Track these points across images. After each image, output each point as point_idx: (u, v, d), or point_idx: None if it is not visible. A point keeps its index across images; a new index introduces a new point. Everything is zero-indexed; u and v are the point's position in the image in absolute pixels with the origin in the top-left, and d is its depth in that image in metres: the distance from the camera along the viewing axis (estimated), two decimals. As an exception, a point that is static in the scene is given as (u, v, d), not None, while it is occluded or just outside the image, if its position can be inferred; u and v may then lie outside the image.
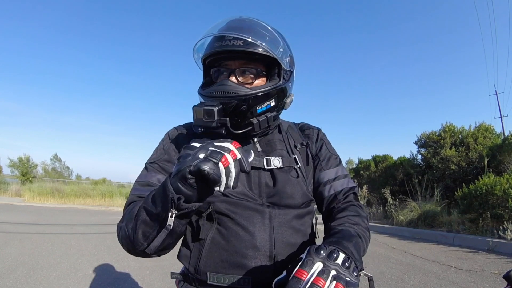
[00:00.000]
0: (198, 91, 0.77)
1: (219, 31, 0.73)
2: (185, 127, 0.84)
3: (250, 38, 0.69)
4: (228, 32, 0.71)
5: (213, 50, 0.72)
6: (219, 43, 0.71)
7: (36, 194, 12.66)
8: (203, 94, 0.74)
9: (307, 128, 0.89)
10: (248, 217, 0.69)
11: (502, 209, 5.31)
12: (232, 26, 0.73)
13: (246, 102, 0.70)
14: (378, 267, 3.77)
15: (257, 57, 0.73)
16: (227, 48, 0.70)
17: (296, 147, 0.82)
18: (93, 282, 3.05)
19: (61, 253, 4.12)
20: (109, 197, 13.67)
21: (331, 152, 0.85)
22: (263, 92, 0.71)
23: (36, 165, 18.99)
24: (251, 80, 0.75)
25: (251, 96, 0.70)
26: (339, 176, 0.81)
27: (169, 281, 3.01)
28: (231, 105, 0.68)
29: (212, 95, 0.71)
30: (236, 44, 0.69)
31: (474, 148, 8.20)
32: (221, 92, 0.70)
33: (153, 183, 0.73)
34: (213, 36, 0.73)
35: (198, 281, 0.70)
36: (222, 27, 0.74)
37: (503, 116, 15.20)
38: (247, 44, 0.70)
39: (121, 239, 0.65)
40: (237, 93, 0.69)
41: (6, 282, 2.88)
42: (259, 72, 0.75)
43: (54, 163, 21.82)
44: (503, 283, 0.79)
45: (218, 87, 0.71)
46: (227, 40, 0.70)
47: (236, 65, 0.74)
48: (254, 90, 0.71)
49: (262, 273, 0.66)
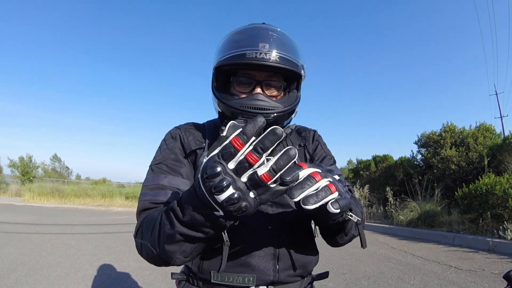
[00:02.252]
0: (223, 98, 0.74)
1: (245, 42, 0.72)
2: (187, 126, 0.83)
3: (289, 56, 0.72)
4: (263, 43, 0.70)
5: (248, 62, 0.69)
6: (253, 54, 0.69)
7: (36, 194, 12.68)
8: (232, 106, 0.71)
9: (304, 131, 0.90)
10: (252, 216, 0.69)
11: (502, 209, 5.31)
12: (263, 36, 0.72)
13: (280, 117, 0.72)
14: (378, 267, 3.77)
15: (283, 71, 0.74)
16: (262, 62, 0.69)
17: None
18: (93, 282, 3.05)
19: (61, 253, 4.12)
20: (109, 197, 13.68)
21: (326, 152, 0.87)
22: (294, 106, 0.75)
23: (37, 166, 19.02)
24: (276, 93, 0.76)
25: (285, 112, 0.72)
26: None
27: (169, 281, 3.01)
28: (270, 121, 0.69)
29: (247, 110, 0.69)
30: (271, 58, 0.69)
31: (474, 148, 8.19)
32: (258, 108, 0.70)
33: (164, 185, 0.69)
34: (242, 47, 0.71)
35: (201, 280, 0.70)
36: (248, 36, 0.74)
37: (503, 116, 15.22)
38: (284, 59, 0.71)
39: (147, 257, 0.61)
40: (273, 110, 0.71)
41: (6, 282, 2.88)
42: (281, 84, 0.77)
43: (54, 163, 21.86)
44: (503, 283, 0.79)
45: (252, 101, 0.70)
46: (262, 53, 0.69)
47: (262, 77, 0.74)
48: (287, 106, 0.74)
49: (266, 271, 0.67)
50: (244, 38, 0.73)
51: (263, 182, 0.42)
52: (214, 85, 0.78)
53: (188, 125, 0.83)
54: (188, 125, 0.84)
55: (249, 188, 0.43)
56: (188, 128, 0.82)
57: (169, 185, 0.69)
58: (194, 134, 0.79)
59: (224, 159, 0.42)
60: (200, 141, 0.78)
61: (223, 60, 0.73)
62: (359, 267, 3.78)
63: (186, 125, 0.83)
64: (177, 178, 0.71)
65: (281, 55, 0.71)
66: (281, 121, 0.74)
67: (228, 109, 0.72)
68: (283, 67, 0.71)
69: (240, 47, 0.71)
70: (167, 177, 0.71)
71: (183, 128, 0.81)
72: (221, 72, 0.77)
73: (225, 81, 0.79)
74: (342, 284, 3.14)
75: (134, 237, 0.64)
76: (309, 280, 0.78)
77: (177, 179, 0.71)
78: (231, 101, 0.73)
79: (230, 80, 0.77)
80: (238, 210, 0.44)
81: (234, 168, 0.42)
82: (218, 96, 0.75)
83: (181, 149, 0.77)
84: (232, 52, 0.71)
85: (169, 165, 0.73)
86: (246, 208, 0.44)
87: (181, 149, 0.77)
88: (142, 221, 0.64)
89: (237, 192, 0.42)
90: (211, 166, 0.42)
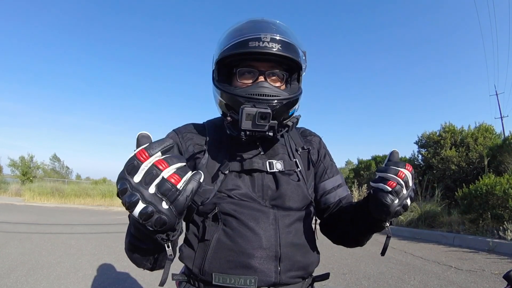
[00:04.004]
0: (225, 88, 0.73)
1: (246, 31, 0.72)
2: (186, 130, 0.81)
3: (291, 43, 0.72)
4: (264, 33, 0.70)
5: (251, 50, 0.69)
6: (256, 43, 0.69)
7: (36, 194, 12.67)
8: (238, 94, 0.70)
9: (309, 135, 0.90)
10: (254, 218, 0.69)
11: (502, 209, 5.30)
12: (264, 27, 0.72)
13: (287, 105, 0.71)
14: (378, 267, 3.77)
15: (285, 61, 0.74)
16: (265, 50, 0.69)
17: (297, 150, 0.82)
18: (93, 282, 3.05)
19: (61, 253, 4.12)
20: (109, 197, 13.67)
21: (332, 160, 0.89)
22: (298, 95, 0.75)
23: (38, 166, 19.03)
24: (279, 83, 0.76)
25: (290, 100, 0.72)
26: (341, 184, 0.86)
27: (169, 281, 3.00)
28: (276, 108, 0.68)
29: (254, 97, 0.68)
30: (274, 47, 0.69)
31: (474, 148, 8.19)
32: (265, 94, 0.69)
33: None
34: (244, 35, 0.71)
35: (202, 281, 0.70)
36: (249, 27, 0.74)
37: (503, 117, 15.23)
38: (286, 49, 0.71)
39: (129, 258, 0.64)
40: (279, 96, 0.70)
41: (6, 282, 2.88)
42: (283, 74, 0.77)
43: (54, 163, 21.85)
44: (503, 283, 0.79)
45: (258, 89, 0.70)
46: (265, 41, 0.69)
47: (265, 67, 0.74)
48: (292, 94, 0.73)
49: (267, 273, 0.67)
50: (245, 30, 0.73)
51: (173, 185, 0.42)
52: (217, 79, 0.77)
53: (188, 128, 0.82)
54: (187, 128, 0.82)
55: (160, 198, 0.42)
56: (187, 132, 0.80)
57: None
58: (194, 138, 0.79)
59: (129, 173, 0.42)
60: (200, 145, 0.77)
61: (226, 50, 0.72)
62: (359, 267, 3.78)
63: (185, 129, 0.82)
64: None
65: (284, 40, 0.71)
66: (286, 109, 0.72)
67: (234, 98, 0.71)
68: (286, 55, 0.71)
69: (242, 36, 0.71)
70: None
71: (182, 132, 0.80)
72: (223, 66, 0.77)
73: (226, 75, 0.78)
74: (342, 284, 3.14)
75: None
76: (310, 281, 0.78)
77: None
78: (236, 90, 0.72)
79: (232, 72, 0.77)
80: (157, 224, 0.42)
81: (140, 181, 0.42)
82: (221, 87, 0.74)
83: (179, 154, 0.76)
84: (234, 41, 0.71)
85: None
86: (164, 220, 0.42)
87: (179, 154, 0.76)
88: (129, 224, 0.65)
89: (147, 205, 0.41)
90: (118, 183, 0.42)
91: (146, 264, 0.61)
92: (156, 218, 0.42)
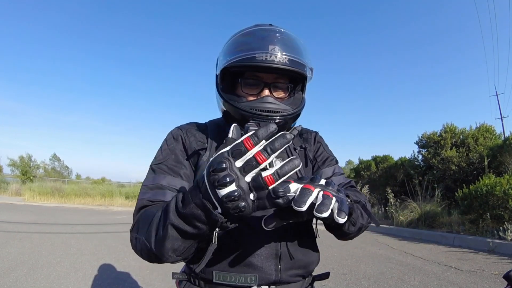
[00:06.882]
0: (231, 100, 0.74)
1: (254, 43, 0.71)
2: (189, 127, 0.82)
3: (297, 58, 0.72)
4: (272, 45, 0.70)
5: (259, 64, 0.70)
6: (263, 57, 0.69)
7: (36, 193, 12.68)
8: (243, 109, 0.71)
9: (305, 132, 0.90)
10: (254, 216, 0.69)
11: (502, 209, 5.30)
12: (271, 38, 0.72)
13: (289, 120, 0.74)
14: (378, 268, 3.77)
15: (290, 73, 0.74)
16: (272, 65, 0.69)
17: (295, 149, 0.83)
18: (93, 282, 3.05)
19: (61, 253, 4.12)
20: (109, 197, 13.68)
21: (328, 153, 0.88)
22: (301, 109, 0.76)
23: (38, 166, 19.04)
24: (283, 95, 0.77)
25: (293, 115, 0.74)
26: (336, 173, 0.84)
27: (169, 280, 3.01)
28: (280, 124, 0.71)
29: (258, 112, 0.70)
30: (281, 61, 0.70)
31: (474, 148, 8.19)
32: (268, 110, 0.70)
33: (163, 185, 0.69)
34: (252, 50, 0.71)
35: (202, 279, 0.70)
36: (256, 37, 0.73)
37: (504, 117, 15.19)
38: (292, 62, 0.71)
39: (141, 252, 0.60)
40: (283, 112, 0.72)
41: (6, 282, 2.88)
42: (288, 86, 0.78)
43: (53, 162, 21.84)
44: (503, 283, 0.79)
45: (263, 104, 0.71)
46: (272, 55, 0.69)
47: (270, 79, 0.75)
48: (295, 108, 0.75)
49: (268, 271, 0.68)
50: (252, 40, 0.73)
51: (265, 185, 0.43)
52: (220, 87, 0.77)
53: (190, 126, 0.83)
54: (190, 125, 0.83)
55: (250, 189, 0.44)
56: (190, 128, 0.81)
57: (168, 185, 0.69)
58: (196, 135, 0.79)
59: (233, 157, 0.43)
60: (202, 142, 0.78)
61: (233, 62, 0.72)
62: (359, 268, 3.78)
63: (188, 126, 0.83)
64: (176, 179, 0.71)
65: (290, 57, 0.71)
66: (289, 123, 0.75)
67: (238, 111, 0.72)
68: (292, 69, 0.71)
69: (249, 49, 0.71)
70: (166, 177, 0.71)
71: (185, 128, 0.81)
72: (227, 73, 0.77)
73: (231, 82, 0.79)
74: (342, 284, 3.14)
75: (130, 231, 0.64)
76: (310, 280, 0.78)
77: (176, 180, 0.71)
78: (240, 103, 0.72)
79: (236, 81, 0.77)
80: (236, 209, 0.44)
81: (241, 167, 0.43)
82: (226, 98, 0.74)
83: (182, 150, 0.77)
84: (242, 55, 0.71)
85: (169, 165, 0.73)
86: (244, 208, 0.44)
87: (183, 151, 0.76)
88: (139, 216, 0.64)
89: (238, 190, 0.43)
90: (219, 161, 0.43)
91: (171, 256, 0.56)
92: (239, 204, 0.43)
